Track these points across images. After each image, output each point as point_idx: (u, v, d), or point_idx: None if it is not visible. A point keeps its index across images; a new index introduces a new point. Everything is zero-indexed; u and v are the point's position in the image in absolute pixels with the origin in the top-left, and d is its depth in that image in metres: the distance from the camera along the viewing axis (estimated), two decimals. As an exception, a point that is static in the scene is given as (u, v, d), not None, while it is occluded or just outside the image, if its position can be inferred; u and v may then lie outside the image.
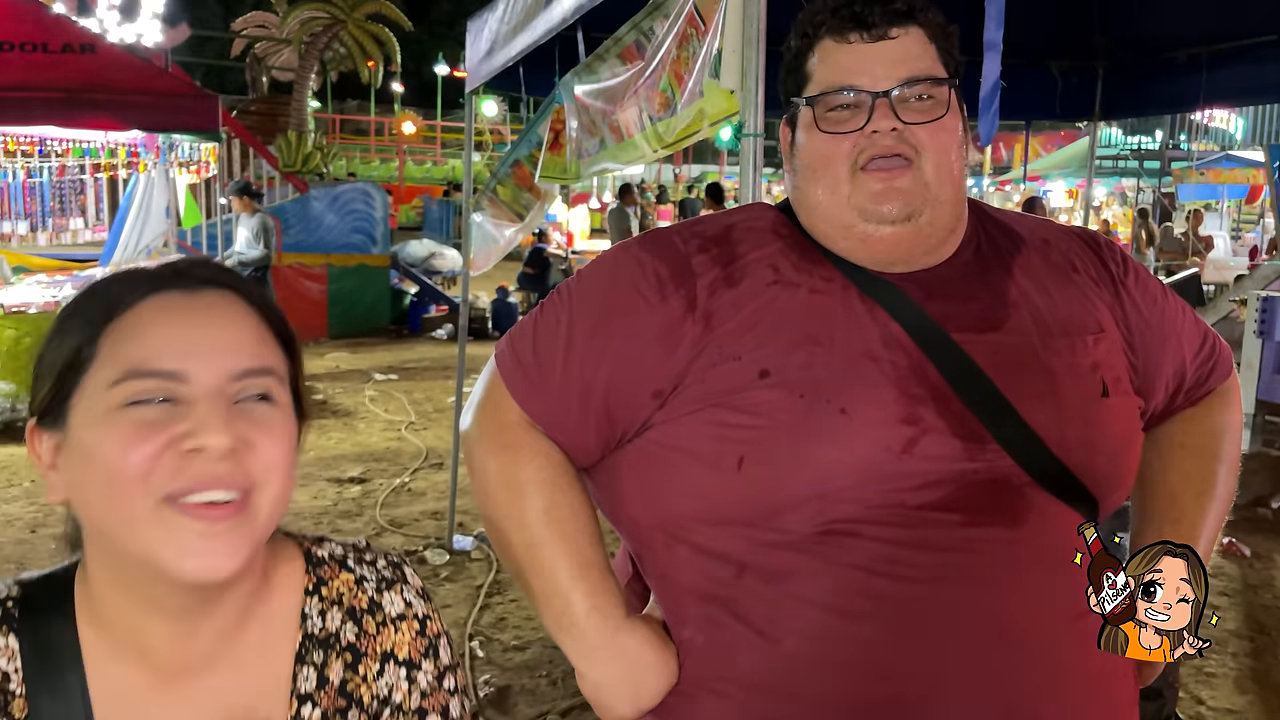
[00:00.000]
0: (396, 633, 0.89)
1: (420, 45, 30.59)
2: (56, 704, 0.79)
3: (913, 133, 1.12)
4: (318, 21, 19.82)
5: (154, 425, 0.77)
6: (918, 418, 1.08)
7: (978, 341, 1.13)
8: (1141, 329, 1.24)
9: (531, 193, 3.61)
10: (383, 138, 27.39)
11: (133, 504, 0.76)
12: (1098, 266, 1.25)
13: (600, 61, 2.61)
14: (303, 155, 17.21)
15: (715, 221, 1.23)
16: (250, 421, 0.80)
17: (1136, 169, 16.14)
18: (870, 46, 1.13)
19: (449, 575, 4.52)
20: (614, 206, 12.65)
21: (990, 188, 20.09)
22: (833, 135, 1.13)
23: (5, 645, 0.81)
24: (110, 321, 0.80)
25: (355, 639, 0.88)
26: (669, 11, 1.94)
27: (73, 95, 6.57)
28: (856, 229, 1.14)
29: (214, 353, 0.80)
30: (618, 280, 1.18)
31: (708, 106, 1.79)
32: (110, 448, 0.77)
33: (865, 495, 1.06)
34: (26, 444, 0.84)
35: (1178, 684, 3.03)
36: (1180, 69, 4.74)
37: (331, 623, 0.88)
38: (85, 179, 10.57)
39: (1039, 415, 1.10)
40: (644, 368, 1.13)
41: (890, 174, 1.12)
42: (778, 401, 1.07)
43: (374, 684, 0.88)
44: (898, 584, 1.07)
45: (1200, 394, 1.34)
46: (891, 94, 1.11)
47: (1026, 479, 1.09)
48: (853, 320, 1.12)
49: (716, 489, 1.09)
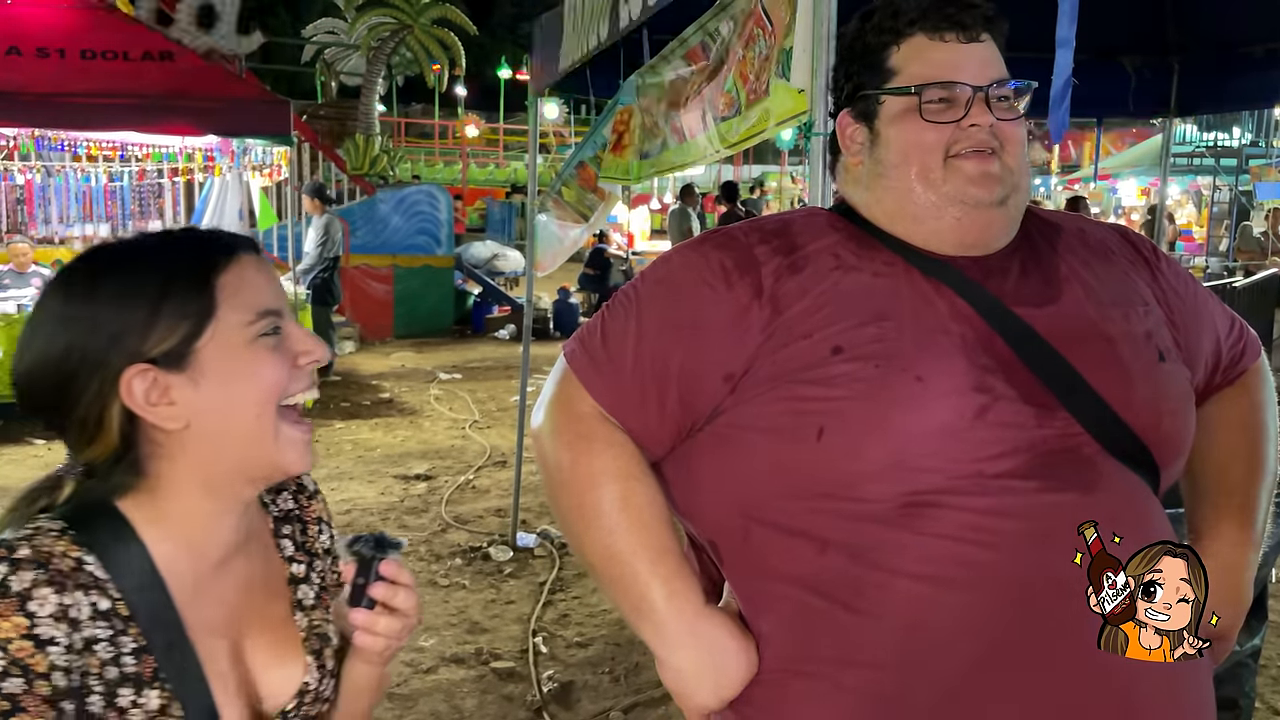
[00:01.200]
0: (316, 501, 1.19)
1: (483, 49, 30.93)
2: (143, 597, 0.95)
3: (1000, 128, 1.20)
4: (385, 27, 20.16)
5: (280, 349, 1.00)
6: (989, 386, 1.12)
7: (1037, 315, 1.18)
8: (1180, 308, 1.31)
9: (596, 194, 3.64)
10: (446, 141, 27.75)
11: (271, 409, 0.99)
12: (1132, 252, 1.33)
13: (665, 63, 2.63)
14: (370, 158, 17.52)
15: (773, 219, 1.29)
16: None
17: (1213, 166, 15.67)
18: (965, 46, 1.20)
19: (512, 572, 4.58)
20: (675, 207, 12.66)
21: (1058, 186, 19.67)
22: (934, 125, 1.19)
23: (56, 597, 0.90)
24: (212, 280, 0.98)
25: (299, 510, 1.16)
26: (735, 13, 1.95)
27: (152, 102, 6.78)
28: (950, 211, 1.19)
29: (282, 297, 1.04)
30: (684, 273, 1.22)
31: (774, 106, 1.80)
32: (260, 369, 0.99)
33: (944, 464, 1.09)
34: (121, 391, 0.95)
35: (1255, 694, 2.95)
36: (1257, 64, 4.61)
37: (284, 504, 1.15)
38: (163, 183, 10.90)
39: (1103, 380, 1.15)
40: (715, 353, 1.16)
41: (986, 160, 1.19)
42: (854, 372, 1.11)
43: (316, 540, 1.17)
44: (984, 550, 1.09)
45: (1235, 374, 1.40)
46: (989, 89, 1.19)
47: (1096, 446, 1.14)
48: (919, 298, 1.17)
49: (796, 462, 1.12)
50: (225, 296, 0.98)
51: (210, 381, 0.97)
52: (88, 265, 1.00)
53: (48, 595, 0.89)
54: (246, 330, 0.98)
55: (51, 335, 0.96)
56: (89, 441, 0.97)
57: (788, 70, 1.71)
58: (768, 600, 1.17)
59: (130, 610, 0.94)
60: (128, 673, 0.93)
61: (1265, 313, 7.02)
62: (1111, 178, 17.43)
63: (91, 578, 0.93)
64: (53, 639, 0.88)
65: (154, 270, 0.98)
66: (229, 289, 0.98)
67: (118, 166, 10.09)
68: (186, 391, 0.97)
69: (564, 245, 4.14)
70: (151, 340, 0.96)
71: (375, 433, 7.14)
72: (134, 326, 0.96)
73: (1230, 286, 6.89)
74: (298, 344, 1.02)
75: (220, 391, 0.97)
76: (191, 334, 0.96)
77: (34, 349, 0.97)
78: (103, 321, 0.95)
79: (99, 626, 0.92)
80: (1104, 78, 4.93)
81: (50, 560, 0.90)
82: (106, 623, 0.92)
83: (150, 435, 0.98)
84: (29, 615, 0.88)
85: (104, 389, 0.95)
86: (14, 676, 0.86)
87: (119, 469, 0.98)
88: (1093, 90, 4.91)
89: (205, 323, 0.97)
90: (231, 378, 0.98)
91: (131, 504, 0.98)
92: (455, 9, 21.23)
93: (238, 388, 0.98)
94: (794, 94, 1.72)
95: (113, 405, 0.96)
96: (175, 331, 0.96)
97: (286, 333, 1.01)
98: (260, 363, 0.98)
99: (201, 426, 0.97)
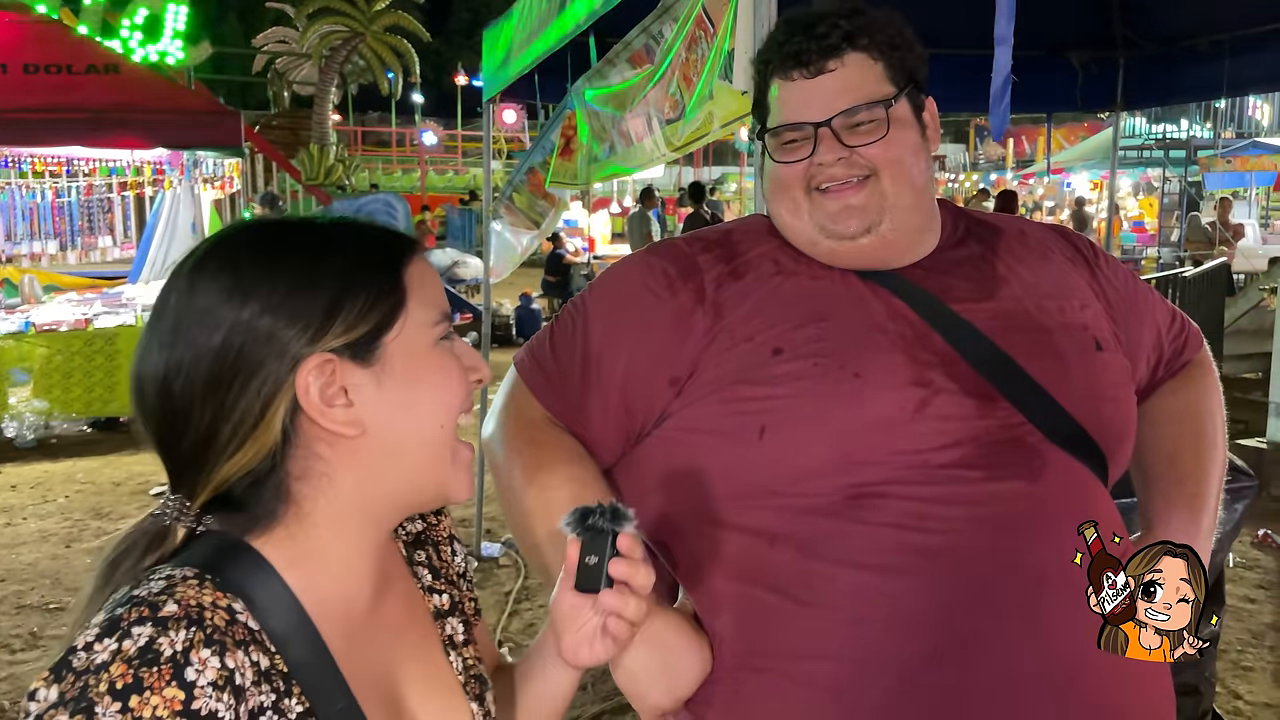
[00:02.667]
0: (445, 517, 1.05)
1: (439, 56, 30.79)
2: (305, 655, 0.80)
3: (861, 154, 1.20)
4: (337, 35, 20.00)
5: (457, 359, 0.88)
6: (927, 380, 1.14)
7: (975, 310, 1.20)
8: (1118, 302, 1.33)
9: (546, 200, 3.63)
10: (404, 148, 27.57)
11: (453, 424, 0.87)
12: (1071, 251, 1.36)
13: (610, 67, 2.62)
14: (325, 168, 17.37)
15: (715, 229, 1.32)
16: None
17: (1162, 159, 15.96)
18: (810, 82, 1.21)
19: (477, 582, 4.51)
20: (635, 210, 12.67)
21: (1014, 181, 19.92)
22: (789, 164, 1.22)
23: (219, 657, 0.74)
24: (402, 270, 0.85)
25: (428, 531, 1.02)
26: (678, 15, 1.94)
27: (98, 115, 6.67)
28: (821, 245, 1.21)
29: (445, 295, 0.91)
30: (629, 282, 1.26)
31: (717, 109, 1.80)
32: (448, 377, 0.87)
33: (888, 456, 1.11)
34: (297, 384, 0.80)
35: (1215, 679, 2.99)
36: (1202, 57, 4.69)
37: (413, 526, 1.01)
38: (112, 197, 10.71)
39: (1041, 369, 1.18)
40: (659, 358, 1.18)
41: (843, 193, 1.20)
42: (794, 371, 1.14)
43: (451, 564, 1.03)
44: (930, 537, 1.10)
45: (1179, 365, 1.43)
46: (831, 124, 1.19)
47: (1039, 435, 1.16)
48: (856, 299, 1.20)
49: (741, 461, 1.14)
50: (413, 289, 0.85)
51: (396, 382, 0.83)
52: (255, 241, 0.84)
53: (208, 659, 0.72)
54: (432, 330, 0.86)
55: (210, 322, 0.79)
56: (237, 449, 0.79)
57: (730, 72, 1.71)
58: (721, 599, 1.17)
59: (289, 668, 0.78)
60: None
61: (1215, 301, 7.14)
62: (1064, 171, 17.69)
63: (248, 631, 0.76)
64: (214, 713, 0.71)
65: (338, 248, 0.83)
66: (415, 282, 0.85)
67: (64, 182, 9.90)
68: (368, 391, 0.82)
69: (517, 252, 4.12)
70: (337, 327, 0.80)
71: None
72: (316, 310, 0.80)
73: (1180, 277, 7.00)
74: (466, 359, 0.89)
75: (406, 395, 0.83)
76: (382, 324, 0.82)
77: (184, 342, 0.80)
78: (278, 303, 0.79)
79: (263, 692, 0.76)
80: (1052, 74, 5.00)
81: (203, 614, 0.74)
82: (269, 685, 0.76)
83: (311, 447, 0.81)
84: (186, 687, 0.70)
85: (274, 380, 0.79)
86: None
87: (261, 493, 0.81)
88: (1042, 86, 4.98)
89: (396, 314, 0.83)
90: (418, 380, 0.84)
91: (268, 543, 0.82)
92: (408, 16, 21.11)
93: (425, 394, 0.84)
94: (737, 96, 1.72)
95: (280, 401, 0.79)
96: (365, 320, 0.82)
97: (455, 343, 0.89)
98: (448, 369, 0.86)
99: (378, 436, 0.83)
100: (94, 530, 5.30)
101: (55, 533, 5.29)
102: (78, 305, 7.76)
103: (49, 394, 7.05)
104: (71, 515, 5.56)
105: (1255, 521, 4.81)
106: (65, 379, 7.10)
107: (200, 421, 0.79)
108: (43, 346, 7.04)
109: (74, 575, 4.68)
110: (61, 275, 10.20)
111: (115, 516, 5.51)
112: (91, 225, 10.70)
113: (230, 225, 0.89)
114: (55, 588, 4.55)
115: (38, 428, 7.00)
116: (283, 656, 0.78)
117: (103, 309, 7.57)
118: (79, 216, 10.55)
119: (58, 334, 7.14)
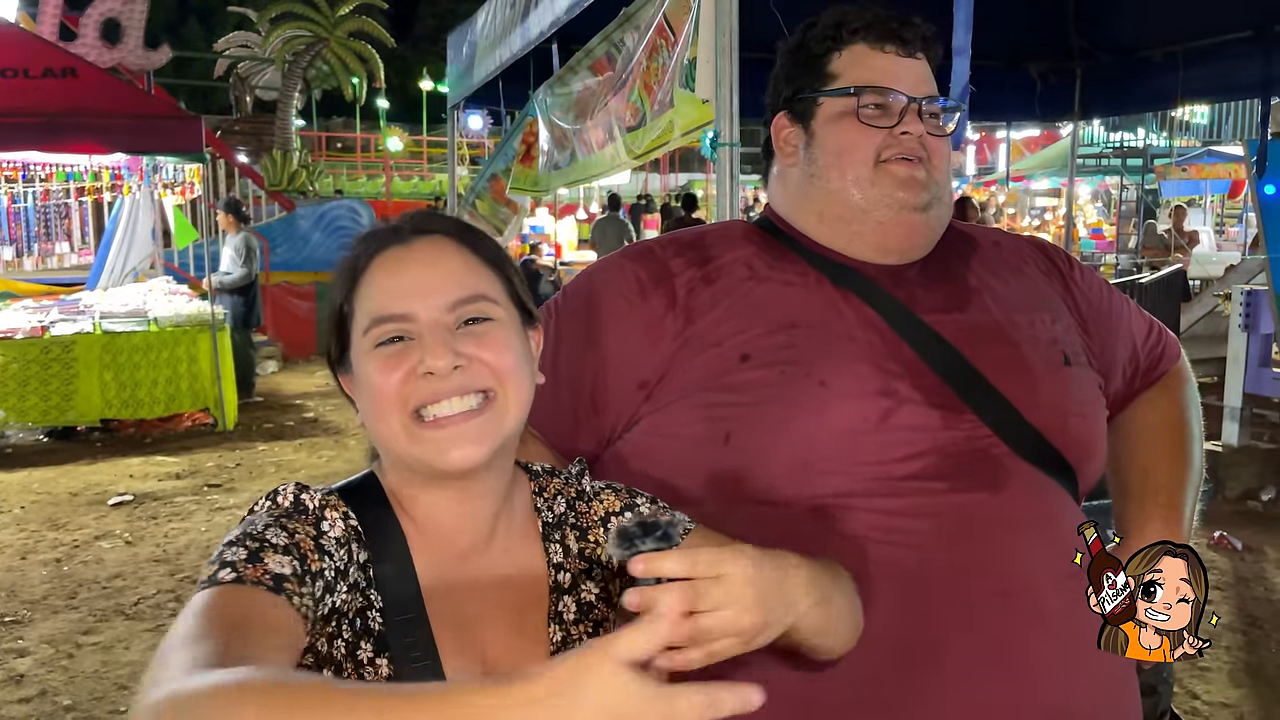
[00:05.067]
0: (600, 500, 1.09)
1: (404, 61, 30.59)
2: (391, 567, 0.97)
3: (927, 141, 1.24)
4: (300, 40, 19.79)
5: (396, 358, 0.95)
6: (893, 390, 1.14)
7: (945, 321, 1.21)
8: (1093, 316, 1.34)
9: (509, 207, 3.62)
10: (369, 154, 27.35)
11: (392, 420, 0.96)
12: (1046, 263, 1.36)
13: (572, 74, 2.62)
14: (288, 174, 17.19)
15: (690, 232, 1.33)
16: (472, 339, 0.97)
17: (1119, 167, 16.20)
18: (903, 60, 1.25)
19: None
20: (604, 216, 12.62)
21: (976, 188, 20.14)
22: (868, 128, 1.23)
23: (344, 522, 0.95)
24: (357, 281, 0.99)
25: (576, 519, 1.08)
26: (639, 23, 1.95)
27: (55, 120, 6.55)
28: (875, 214, 1.23)
29: (429, 292, 0.97)
30: (601, 287, 1.26)
31: (678, 117, 1.80)
32: (373, 379, 0.96)
33: (850, 467, 1.11)
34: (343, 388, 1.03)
35: (1172, 679, 3.04)
36: (1156, 67, 4.78)
37: (557, 509, 1.08)
38: (70, 203, 10.53)
39: (1008, 383, 1.18)
40: (629, 362, 1.20)
41: (914, 166, 1.23)
42: (760, 379, 1.14)
43: (599, 548, 1.07)
44: (894, 549, 1.10)
45: (1155, 376, 1.43)
46: (922, 102, 1.23)
47: (1004, 448, 1.16)
48: (827, 306, 1.20)
49: (707, 466, 1.14)
50: (357, 303, 0.99)
51: (357, 385, 1.00)
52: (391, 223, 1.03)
53: (336, 520, 0.94)
54: (364, 339, 0.98)
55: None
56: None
57: (692, 81, 1.71)
58: None
59: (376, 574, 0.96)
60: (372, 629, 0.94)
61: (1170, 307, 7.26)
62: (1025, 179, 17.91)
63: (358, 532, 0.96)
64: (332, 554, 0.91)
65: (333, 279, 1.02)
66: (361, 295, 0.99)
67: (21, 187, 9.73)
68: (353, 392, 1.02)
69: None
70: (329, 346, 1.03)
71: (299, 454, 6.98)
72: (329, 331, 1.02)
73: (1138, 283, 7.12)
74: (422, 351, 0.96)
75: (361, 395, 1.00)
76: (339, 341, 1.01)
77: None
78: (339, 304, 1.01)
79: (362, 576, 0.94)
80: (1012, 84, 5.07)
81: (329, 502, 0.96)
82: (364, 575, 0.95)
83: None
84: (318, 528, 0.93)
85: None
86: (295, 560, 0.88)
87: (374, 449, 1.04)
88: (1001, 96, 5.06)
89: (347, 327, 1.00)
90: (360, 386, 0.99)
91: (388, 475, 1.02)
92: (372, 22, 20.95)
93: (363, 398, 0.99)
94: (698, 104, 1.72)
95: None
96: (331, 340, 1.02)
97: (417, 337, 0.96)
98: (369, 373, 0.97)
99: (365, 424, 1.00)
100: (50, 541, 5.20)
101: (10, 544, 5.18)
102: (34, 312, 7.62)
103: (4, 402, 6.92)
104: (27, 526, 5.45)
105: (1211, 524, 4.90)
106: (21, 387, 6.97)
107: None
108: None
109: (30, 587, 4.59)
110: (17, 282, 10.01)
111: (72, 527, 5.41)
112: (49, 231, 10.52)
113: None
114: (11, 600, 4.46)
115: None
116: (377, 567, 0.95)
117: (60, 316, 7.44)
118: (35, 222, 10.36)
119: (13, 341, 7.00)
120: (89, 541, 5.21)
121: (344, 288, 1.00)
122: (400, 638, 0.94)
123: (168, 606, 4.35)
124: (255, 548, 0.87)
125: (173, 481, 6.28)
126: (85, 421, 7.26)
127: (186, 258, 10.26)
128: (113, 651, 3.95)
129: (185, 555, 5.00)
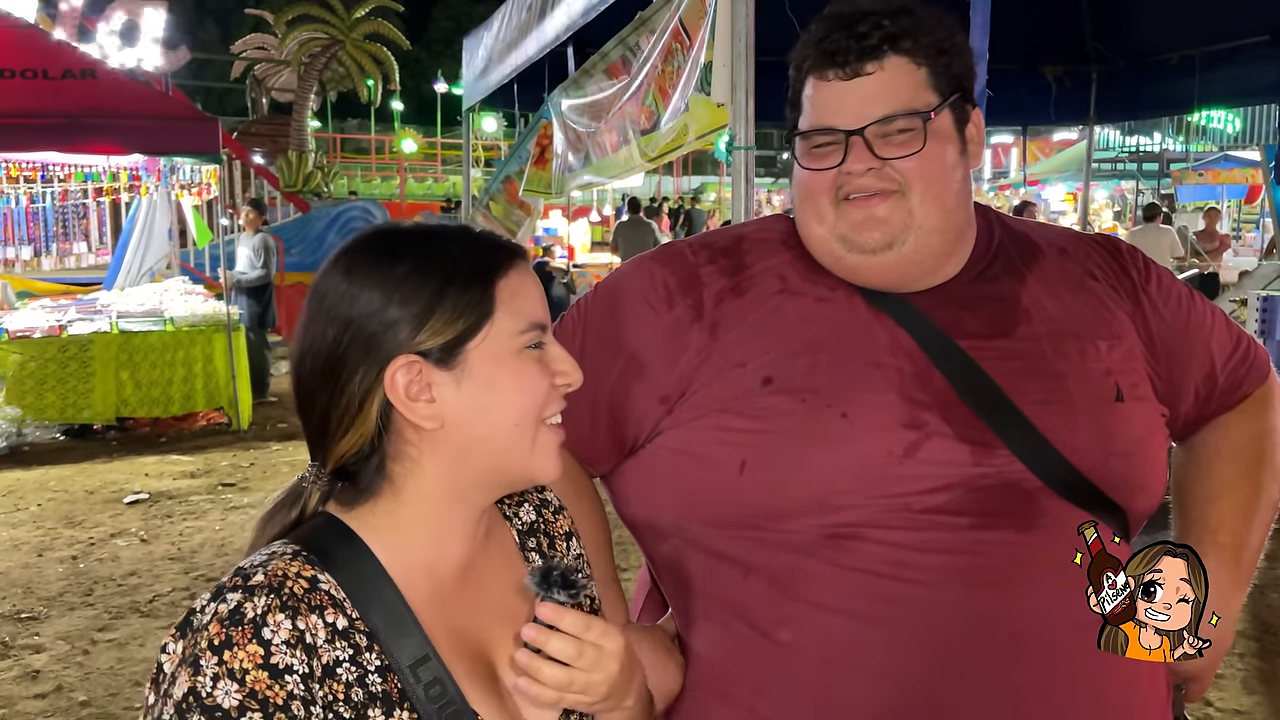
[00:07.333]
0: (565, 514, 1.13)
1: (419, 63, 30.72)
2: (383, 618, 0.92)
3: (894, 167, 1.11)
4: (316, 42, 19.91)
5: (542, 365, 0.97)
6: (921, 422, 1.08)
7: (985, 347, 1.13)
8: (1164, 335, 1.22)
9: (522, 209, 3.63)
10: (383, 156, 27.45)
11: (530, 422, 0.95)
12: (1118, 274, 1.24)
13: (587, 77, 2.63)
14: (304, 175, 17.28)
15: (728, 233, 1.27)
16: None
17: (1135, 171, 16.14)
18: (846, 84, 1.12)
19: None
20: (626, 219, 12.51)
21: (989, 192, 20.09)
22: (814, 170, 1.15)
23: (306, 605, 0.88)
24: (494, 283, 0.95)
25: (545, 526, 1.10)
26: (655, 27, 1.95)
27: (74, 120, 6.60)
28: (844, 259, 1.14)
29: (547, 312, 1.00)
30: (629, 292, 1.22)
31: (693, 120, 1.80)
32: (524, 381, 0.95)
33: (867, 500, 1.06)
34: (386, 380, 0.92)
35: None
36: (1173, 71, 4.77)
37: (525, 516, 1.09)
38: (88, 203, 10.60)
39: (1048, 419, 1.10)
40: (651, 374, 1.16)
41: (869, 203, 1.12)
42: (780, 406, 1.09)
43: (567, 556, 1.11)
44: (904, 586, 1.06)
45: (1235, 399, 1.31)
46: (864, 133, 1.10)
47: (1039, 484, 1.08)
48: (858, 327, 1.14)
49: (718, 492, 1.11)
50: (503, 300, 0.95)
51: (474, 384, 0.94)
52: (371, 248, 0.96)
53: (281, 621, 0.86)
54: (517, 339, 0.96)
55: (328, 317, 0.94)
56: (345, 431, 0.94)
57: (708, 85, 1.72)
58: (697, 618, 1.17)
59: (369, 627, 0.91)
60: (375, 692, 0.89)
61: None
62: (1040, 183, 17.84)
63: (328, 597, 0.90)
64: (290, 667, 0.85)
65: (437, 262, 0.95)
66: (507, 293, 0.96)
67: (40, 187, 9.80)
68: (447, 390, 0.94)
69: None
70: (424, 333, 0.93)
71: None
72: (409, 316, 0.93)
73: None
74: (556, 363, 0.98)
75: (482, 397, 0.94)
76: (466, 333, 0.94)
77: (310, 332, 0.95)
78: (379, 308, 0.92)
79: (339, 648, 0.89)
80: (1027, 87, 5.07)
81: (284, 584, 0.88)
82: (347, 642, 0.90)
83: (402, 433, 0.95)
84: (264, 644, 0.85)
85: (370, 375, 0.93)
86: (252, 711, 0.83)
87: (366, 468, 0.96)
88: (1017, 99, 5.05)
89: (481, 324, 0.94)
90: (496, 384, 0.95)
91: (369, 513, 0.96)
92: (388, 24, 21.06)
93: (500, 396, 0.95)
94: (713, 108, 1.72)
95: (376, 394, 0.93)
96: (451, 327, 0.93)
97: (548, 350, 0.98)
98: (527, 376, 0.96)
99: (457, 429, 0.94)
100: (66, 539, 5.25)
101: (27, 541, 5.23)
102: (52, 312, 7.68)
103: (22, 401, 6.98)
104: (44, 524, 5.50)
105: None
106: (39, 386, 7.03)
107: (319, 404, 0.95)
108: (16, 353, 6.97)
109: (46, 584, 4.63)
110: (36, 281, 10.10)
111: (88, 525, 5.46)
112: (66, 231, 10.59)
113: (367, 229, 1.01)
114: (27, 596, 4.50)
115: (10, 435, 6.92)
116: (364, 619, 0.91)
117: (77, 315, 7.50)
118: (54, 222, 10.44)
119: (31, 340, 7.06)
120: (105, 539, 5.25)
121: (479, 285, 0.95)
122: (416, 685, 0.91)
123: (182, 604, 4.38)
124: None
125: (187, 480, 6.33)
126: (101, 420, 7.31)
127: (202, 257, 10.32)
128: (128, 648, 3.98)
129: (200, 554, 5.03)
